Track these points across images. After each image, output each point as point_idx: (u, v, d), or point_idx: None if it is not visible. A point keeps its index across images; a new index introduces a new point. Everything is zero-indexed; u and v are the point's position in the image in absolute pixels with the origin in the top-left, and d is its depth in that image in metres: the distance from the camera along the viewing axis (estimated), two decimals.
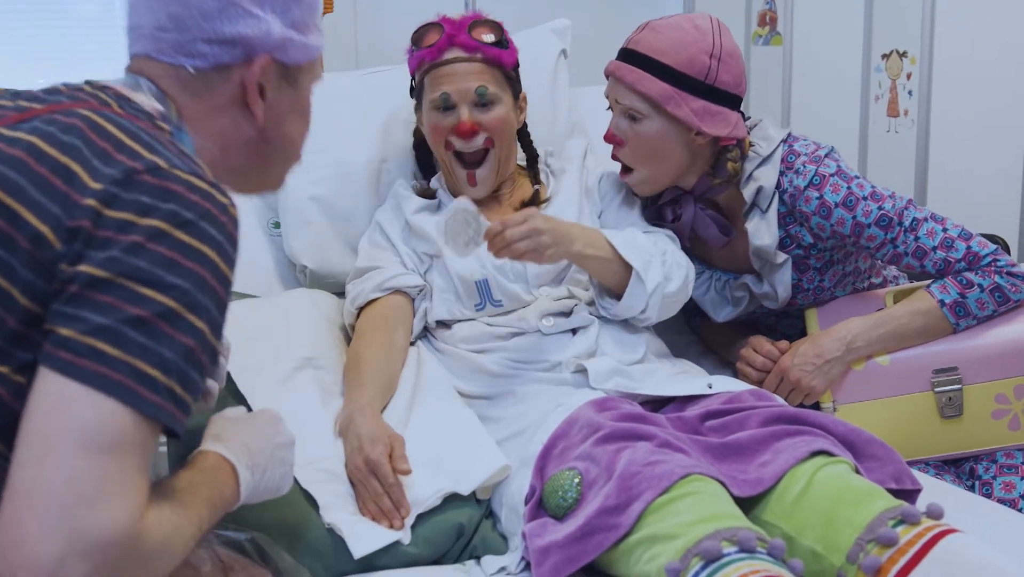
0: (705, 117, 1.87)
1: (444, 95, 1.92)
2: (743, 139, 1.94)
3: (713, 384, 1.75)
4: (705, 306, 2.08)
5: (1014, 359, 1.91)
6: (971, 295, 1.90)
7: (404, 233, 2.00)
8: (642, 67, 1.87)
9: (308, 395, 1.75)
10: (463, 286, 1.92)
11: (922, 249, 1.92)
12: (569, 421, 1.60)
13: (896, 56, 3.13)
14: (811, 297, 2.03)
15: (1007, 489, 1.88)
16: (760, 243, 1.95)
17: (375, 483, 1.59)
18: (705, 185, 1.97)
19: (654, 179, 1.96)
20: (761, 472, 1.50)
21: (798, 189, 1.92)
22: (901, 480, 1.55)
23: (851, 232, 1.92)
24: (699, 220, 2.00)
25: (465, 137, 1.92)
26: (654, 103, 1.87)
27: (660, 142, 1.90)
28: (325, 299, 2.02)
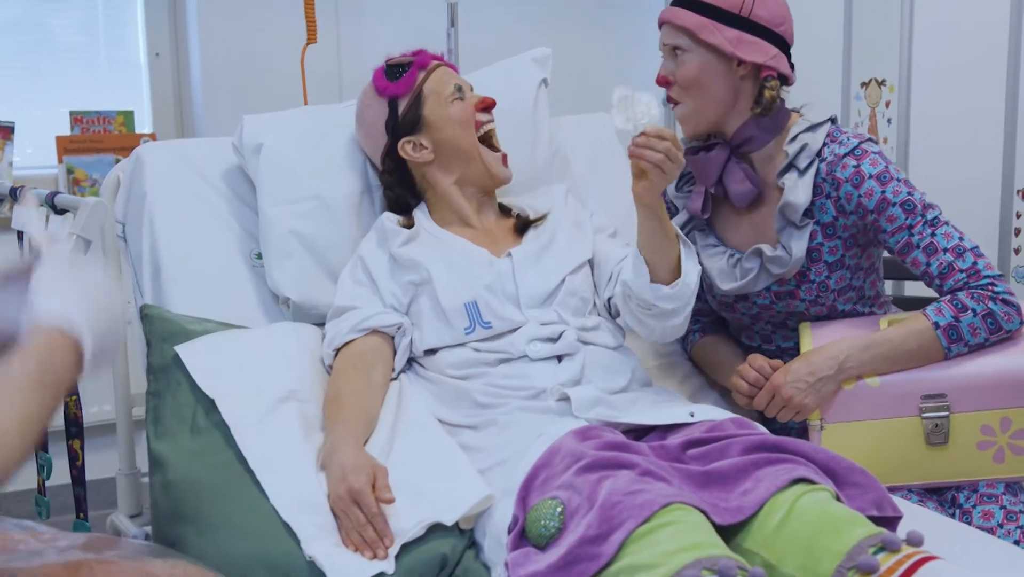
0: (740, 45, 1.97)
1: (457, 85, 2.06)
2: (786, 75, 2.02)
3: (695, 412, 1.76)
4: (711, 274, 2.09)
5: (1002, 390, 1.91)
6: (964, 319, 1.91)
7: (390, 266, 2.00)
8: (682, 6, 2.00)
9: (291, 428, 1.75)
10: (453, 309, 1.92)
11: (934, 246, 1.95)
12: (551, 451, 1.60)
13: (875, 84, 3.16)
14: (813, 294, 2.04)
15: (986, 517, 1.89)
16: (792, 198, 1.99)
17: (358, 513, 1.58)
18: (742, 136, 2.03)
19: (699, 111, 2.03)
20: (743, 500, 1.50)
21: (837, 156, 1.99)
22: (882, 507, 1.56)
23: (875, 207, 1.96)
24: (730, 170, 2.05)
25: (489, 109, 2.07)
26: (690, 33, 1.98)
27: (702, 73, 1.99)
28: (309, 332, 2.02)
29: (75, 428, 2.23)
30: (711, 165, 2.05)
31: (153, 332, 1.92)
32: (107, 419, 3.14)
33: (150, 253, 2.10)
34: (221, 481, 1.69)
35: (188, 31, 3.50)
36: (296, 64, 2.98)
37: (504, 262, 1.97)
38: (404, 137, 2.05)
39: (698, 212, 2.09)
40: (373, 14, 3.61)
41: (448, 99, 2.04)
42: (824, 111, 2.06)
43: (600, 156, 2.51)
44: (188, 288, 2.08)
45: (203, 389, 1.79)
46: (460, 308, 1.92)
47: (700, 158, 2.07)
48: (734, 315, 2.17)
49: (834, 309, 2.08)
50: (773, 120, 2.03)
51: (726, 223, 2.12)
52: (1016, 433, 1.92)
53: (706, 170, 2.06)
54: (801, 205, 1.98)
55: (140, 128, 3.46)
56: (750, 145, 2.05)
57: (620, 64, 4.01)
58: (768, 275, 2.04)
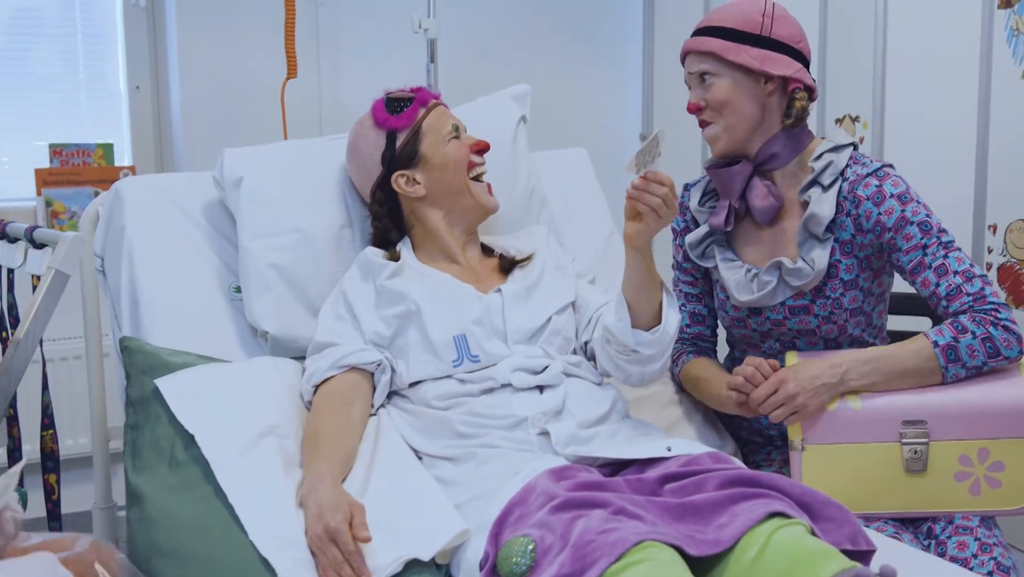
0: (766, 61, 2.04)
1: (455, 124, 2.10)
2: (811, 87, 2.09)
3: (672, 447, 1.77)
4: (729, 286, 2.13)
5: (981, 420, 1.93)
6: (964, 340, 1.94)
7: (374, 300, 2.00)
8: (703, 35, 2.09)
9: (271, 463, 1.75)
10: (441, 342, 1.93)
11: (945, 268, 1.99)
12: (527, 489, 1.61)
13: (849, 120, 3.20)
14: (827, 310, 2.07)
15: (960, 548, 1.90)
16: (818, 210, 2.04)
17: (335, 551, 1.59)
18: (766, 153, 2.10)
19: (730, 130, 2.09)
20: (719, 533, 1.51)
21: (859, 176, 2.06)
22: (856, 541, 1.57)
23: (894, 225, 2.01)
24: (753, 185, 2.11)
25: (483, 152, 2.11)
26: (716, 56, 2.05)
27: (732, 93, 2.06)
28: (289, 367, 2.02)
29: (51, 462, 2.22)
30: (735, 179, 2.11)
31: (133, 364, 1.92)
32: (83, 452, 3.13)
33: (128, 287, 2.10)
34: (199, 515, 1.68)
35: (168, 64, 3.51)
36: (276, 98, 2.99)
37: (493, 298, 1.99)
38: (399, 171, 2.07)
39: (721, 226, 2.14)
40: (353, 49, 3.64)
41: (445, 138, 2.07)
42: (848, 136, 2.13)
43: (576, 191, 2.53)
44: (166, 322, 2.08)
45: (182, 423, 1.79)
46: (449, 341, 1.93)
47: (724, 172, 2.13)
48: (744, 331, 2.19)
49: (844, 331, 2.11)
50: (798, 138, 2.11)
51: (744, 240, 2.17)
52: (993, 465, 1.94)
53: (730, 184, 2.12)
54: (826, 217, 2.04)
55: (119, 161, 3.46)
56: (773, 163, 2.11)
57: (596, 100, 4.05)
58: (786, 288, 2.08)
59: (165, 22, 3.49)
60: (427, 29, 3.22)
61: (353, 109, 3.55)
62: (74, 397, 3.22)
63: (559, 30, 3.95)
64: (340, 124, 3.48)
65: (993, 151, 2.78)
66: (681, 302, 2.28)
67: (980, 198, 2.82)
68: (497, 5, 3.82)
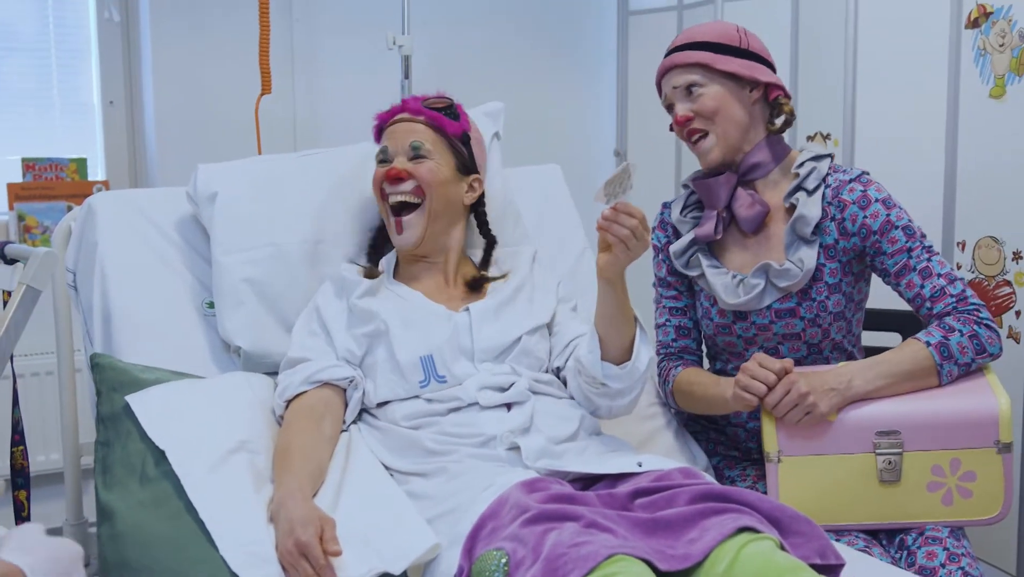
0: (751, 68, 2.11)
1: (383, 148, 2.07)
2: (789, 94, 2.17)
3: (643, 462, 1.78)
4: (716, 290, 2.15)
5: (954, 431, 1.96)
6: (953, 338, 1.99)
7: (346, 318, 2.01)
8: (686, 49, 2.13)
9: (241, 479, 1.75)
10: (408, 363, 1.93)
11: (929, 270, 2.05)
12: (499, 502, 1.62)
13: (820, 138, 3.23)
14: (813, 312, 2.10)
15: (929, 558, 1.92)
16: (806, 211, 2.09)
17: (306, 566, 1.59)
18: (749, 163, 2.14)
19: (724, 137, 2.12)
20: (689, 548, 1.52)
21: (842, 182, 2.12)
22: (825, 555, 1.59)
23: (879, 228, 2.06)
24: (738, 195, 2.14)
25: (392, 181, 2.02)
26: (703, 66, 2.10)
27: (722, 101, 2.11)
28: (261, 382, 2.02)
29: (21, 479, 2.21)
30: (721, 189, 2.15)
31: (103, 381, 1.92)
32: (54, 468, 3.11)
33: (101, 302, 2.10)
34: (170, 532, 1.68)
35: (142, 79, 3.51)
36: (250, 114, 2.99)
37: (462, 316, 1.99)
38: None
39: (711, 235, 2.17)
40: (328, 65, 3.64)
41: (376, 160, 2.09)
42: (824, 149, 2.16)
43: (550, 207, 2.54)
44: (139, 337, 2.07)
45: (153, 439, 1.79)
46: (416, 362, 1.93)
47: (710, 183, 2.17)
48: (729, 337, 2.20)
49: (827, 335, 2.14)
50: (778, 147, 2.16)
51: (729, 249, 2.20)
52: (964, 475, 1.96)
53: (716, 194, 2.16)
54: (814, 218, 2.08)
55: (93, 175, 3.45)
56: (756, 172, 2.15)
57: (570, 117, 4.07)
58: (774, 290, 2.11)
59: (139, 37, 3.49)
60: (401, 46, 3.23)
61: (327, 125, 3.59)
62: (45, 413, 3.19)
63: (533, 47, 3.97)
64: (314, 140, 3.51)
65: (961, 169, 2.81)
66: (666, 317, 2.30)
67: (949, 215, 2.85)
68: (471, 22, 3.83)
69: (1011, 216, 2.68)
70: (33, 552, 1.38)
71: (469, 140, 2.12)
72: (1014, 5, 2.65)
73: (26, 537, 1.43)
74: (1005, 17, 2.67)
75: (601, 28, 4.07)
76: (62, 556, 1.41)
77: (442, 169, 2.05)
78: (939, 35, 2.83)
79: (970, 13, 2.75)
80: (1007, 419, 1.95)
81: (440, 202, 2.05)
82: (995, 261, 2.74)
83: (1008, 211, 2.69)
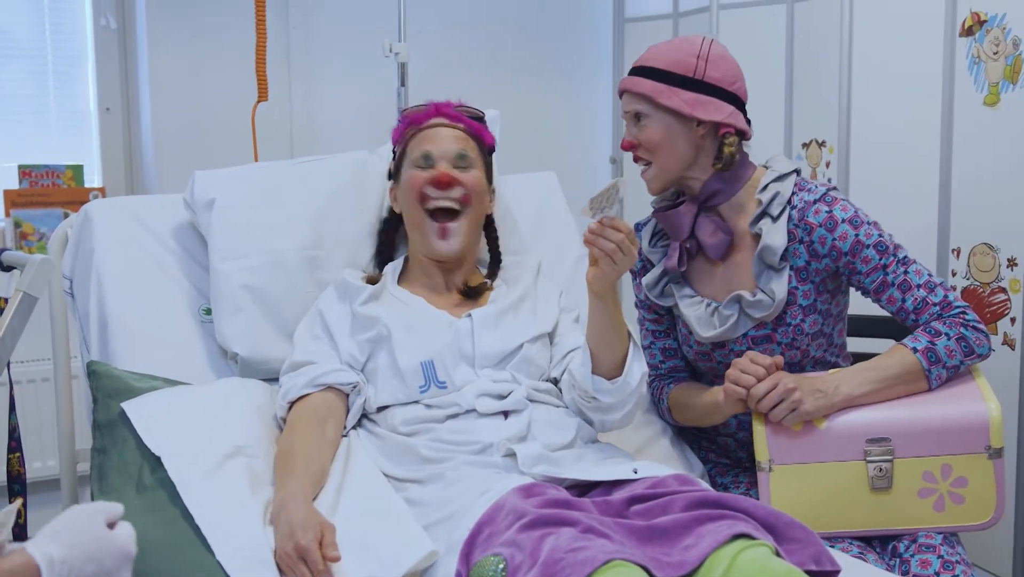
0: (697, 106, 2.04)
1: (426, 153, 2.04)
2: (743, 131, 2.09)
3: (639, 469, 1.78)
4: (691, 323, 2.13)
5: (944, 437, 1.96)
6: (940, 342, 1.99)
7: (349, 324, 2.01)
8: (638, 75, 2.09)
9: (238, 483, 1.75)
10: (409, 368, 1.94)
11: (908, 283, 2.04)
12: (495, 507, 1.62)
13: (815, 145, 3.24)
14: (789, 337, 2.09)
15: (923, 566, 1.93)
16: (771, 241, 2.05)
17: (304, 570, 1.59)
18: (708, 191, 2.10)
19: (664, 170, 2.10)
20: (685, 555, 1.52)
21: (808, 203, 2.08)
22: (821, 562, 1.59)
23: (850, 249, 2.04)
24: (701, 223, 2.11)
25: (443, 187, 2.02)
26: (649, 99, 2.06)
27: (664, 136, 2.06)
28: (258, 388, 2.03)
29: (18, 486, 2.21)
30: (682, 220, 2.12)
31: (100, 388, 1.92)
32: (51, 475, 3.11)
33: (97, 309, 2.10)
34: (167, 538, 1.68)
35: (139, 86, 3.51)
36: (247, 121, 3.00)
37: (464, 322, 2.00)
38: (392, 182, 2.12)
39: (675, 267, 2.14)
40: (324, 73, 3.65)
41: (412, 163, 2.07)
42: (789, 163, 2.14)
43: (545, 215, 2.54)
44: (135, 344, 2.08)
45: (149, 446, 1.79)
46: (416, 367, 1.94)
47: (671, 215, 2.14)
48: (710, 364, 2.20)
49: (807, 354, 2.13)
50: (735, 173, 2.11)
51: (700, 275, 2.18)
52: (956, 481, 1.96)
53: (678, 225, 2.13)
54: (779, 247, 2.05)
55: (89, 182, 3.45)
56: (716, 198, 2.12)
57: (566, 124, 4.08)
58: (747, 320, 2.10)
59: (136, 44, 3.49)
60: (397, 53, 3.23)
61: (324, 132, 3.60)
62: (42, 419, 3.19)
63: (529, 55, 3.97)
64: (311, 147, 3.51)
65: (956, 176, 2.82)
66: (650, 340, 2.29)
67: (944, 222, 2.86)
68: (467, 30, 3.84)
69: (1006, 223, 2.69)
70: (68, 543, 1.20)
71: (493, 151, 2.16)
72: (1008, 13, 2.66)
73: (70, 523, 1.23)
74: (999, 25, 2.69)
75: (597, 35, 4.07)
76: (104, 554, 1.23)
77: (482, 179, 2.08)
78: (933, 43, 2.84)
79: (964, 21, 2.77)
80: (998, 425, 1.96)
81: (479, 211, 2.09)
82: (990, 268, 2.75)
83: (1002, 218, 2.70)
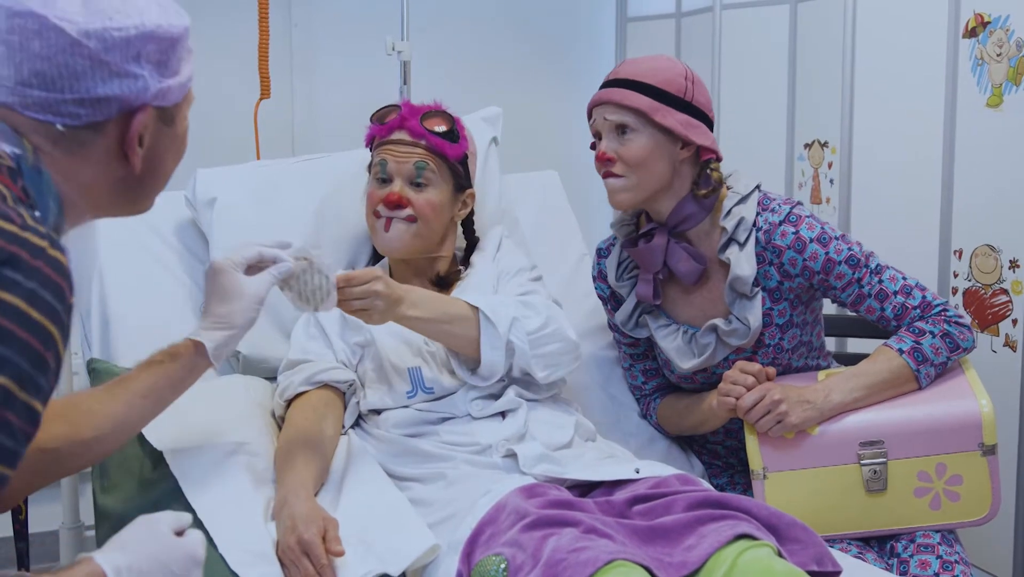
0: (689, 128, 2.00)
1: (383, 162, 2.01)
2: (720, 158, 2.06)
3: (640, 469, 1.78)
4: (670, 355, 2.11)
5: (937, 436, 1.97)
6: (925, 341, 1.99)
7: (339, 326, 2.01)
8: (628, 88, 2.00)
9: (240, 480, 1.75)
10: (396, 373, 1.93)
11: (884, 292, 2.03)
12: (497, 508, 1.62)
13: (817, 146, 3.24)
14: (770, 357, 2.08)
15: (922, 567, 1.93)
16: (740, 272, 2.02)
17: (307, 564, 1.59)
18: (679, 216, 2.05)
19: (639, 187, 2.02)
20: (687, 555, 1.53)
21: (773, 225, 2.03)
22: (822, 562, 1.59)
23: (822, 268, 2.02)
24: (673, 252, 2.06)
25: (390, 206, 1.99)
26: (642, 114, 1.98)
27: (648, 153, 1.99)
28: (259, 386, 2.03)
29: None
30: (655, 253, 2.06)
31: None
32: None
33: (99, 306, 2.10)
34: None
35: None
36: (249, 119, 2.99)
37: None
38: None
39: (650, 298, 2.10)
40: (327, 71, 3.64)
41: (372, 173, 2.05)
42: (750, 179, 2.09)
43: (547, 213, 2.55)
44: (137, 341, 2.07)
45: (151, 442, 1.79)
46: (403, 372, 1.94)
47: (642, 249, 2.08)
48: (694, 385, 2.19)
49: (789, 367, 2.13)
50: (707, 199, 2.06)
51: (674, 302, 2.14)
52: (951, 479, 1.97)
53: (650, 258, 2.07)
54: (749, 277, 2.02)
55: None
56: (687, 224, 2.07)
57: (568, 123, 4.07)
58: (725, 347, 2.08)
59: None
60: (400, 52, 3.23)
61: (326, 130, 3.59)
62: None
63: (532, 54, 3.97)
64: (313, 145, 3.50)
65: (958, 177, 2.81)
66: (629, 363, 2.28)
67: (946, 223, 2.85)
68: (470, 29, 3.84)
69: (1008, 224, 2.69)
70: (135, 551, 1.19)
71: (467, 159, 2.10)
72: (1012, 15, 2.66)
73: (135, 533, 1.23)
74: (1003, 27, 2.68)
75: (599, 34, 4.07)
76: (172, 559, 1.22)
77: (440, 195, 2.03)
78: (936, 44, 2.83)
79: (967, 22, 2.76)
80: (990, 421, 1.96)
81: (431, 227, 2.03)
82: (992, 269, 2.74)
83: (1005, 219, 2.69)
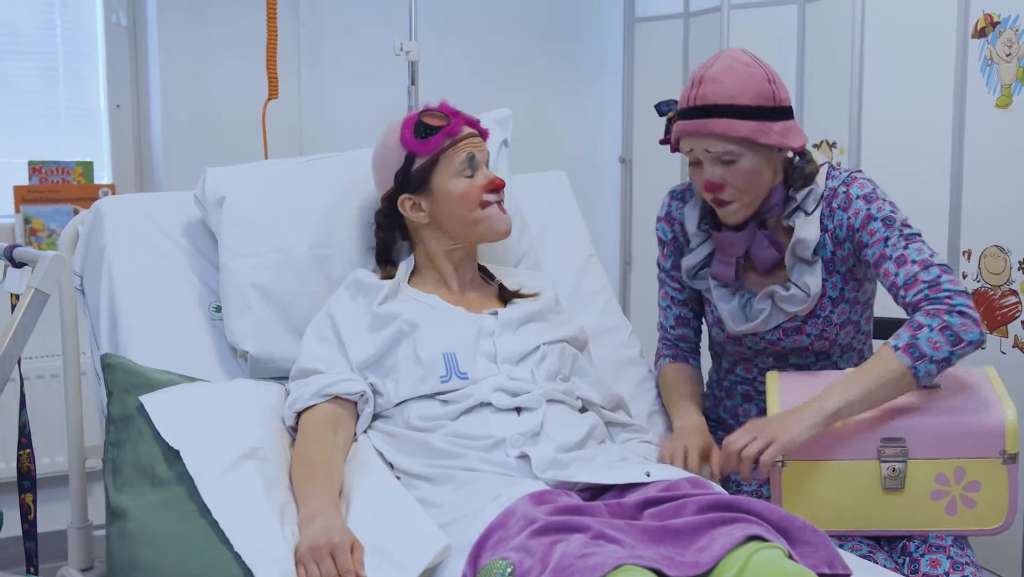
0: (787, 135, 2.04)
1: (470, 156, 2.04)
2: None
3: (651, 472, 1.78)
4: (723, 315, 2.16)
5: (958, 440, 1.96)
6: (921, 336, 1.93)
7: (366, 321, 2.00)
8: (723, 115, 1.99)
9: (253, 483, 1.75)
10: (431, 358, 1.93)
11: (904, 258, 2.00)
12: (507, 513, 1.62)
13: (826, 146, 3.24)
14: (819, 328, 2.11)
15: (933, 565, 1.93)
16: (804, 235, 2.06)
17: (330, 565, 1.60)
18: (768, 205, 2.10)
19: (750, 204, 2.08)
20: (698, 556, 1.53)
21: (833, 189, 2.10)
22: (833, 565, 1.59)
23: (860, 224, 2.05)
24: (758, 241, 2.11)
25: (499, 190, 2.06)
26: (748, 141, 2.00)
27: (757, 172, 2.04)
28: (271, 390, 2.02)
29: (28, 482, 2.21)
30: (739, 241, 2.12)
31: (115, 382, 1.91)
32: (59, 470, 3.11)
33: (108, 306, 2.10)
34: (184, 534, 1.68)
35: (149, 83, 3.51)
36: (257, 118, 3.00)
37: (486, 319, 2.00)
38: (406, 194, 2.06)
39: (731, 280, 2.14)
40: (335, 71, 3.65)
41: (455, 172, 2.04)
42: (819, 156, 2.13)
43: (555, 214, 2.55)
44: (145, 341, 2.07)
45: (167, 440, 1.79)
46: (439, 357, 1.93)
47: (729, 236, 2.13)
48: (740, 348, 2.22)
49: (835, 343, 2.15)
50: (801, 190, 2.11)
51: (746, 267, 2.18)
52: (969, 485, 1.96)
53: (737, 245, 2.12)
54: (812, 241, 2.06)
55: (99, 179, 3.46)
56: (773, 212, 2.12)
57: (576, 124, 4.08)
58: (780, 314, 2.11)
59: (146, 41, 3.49)
60: (408, 52, 3.24)
61: (334, 130, 3.60)
62: (50, 415, 3.19)
63: (539, 54, 3.97)
64: (321, 145, 3.51)
65: (967, 178, 2.81)
66: (667, 303, 2.33)
67: (955, 224, 2.85)
68: (478, 29, 3.84)
69: (1017, 225, 2.69)
70: None
71: None
72: (1021, 15, 2.65)
73: None
74: (1012, 27, 2.68)
75: (607, 35, 4.07)
76: None
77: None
78: (946, 44, 2.83)
79: (977, 22, 2.76)
80: (1014, 430, 1.95)
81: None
82: (1001, 270, 2.74)
83: (1014, 220, 2.69)
